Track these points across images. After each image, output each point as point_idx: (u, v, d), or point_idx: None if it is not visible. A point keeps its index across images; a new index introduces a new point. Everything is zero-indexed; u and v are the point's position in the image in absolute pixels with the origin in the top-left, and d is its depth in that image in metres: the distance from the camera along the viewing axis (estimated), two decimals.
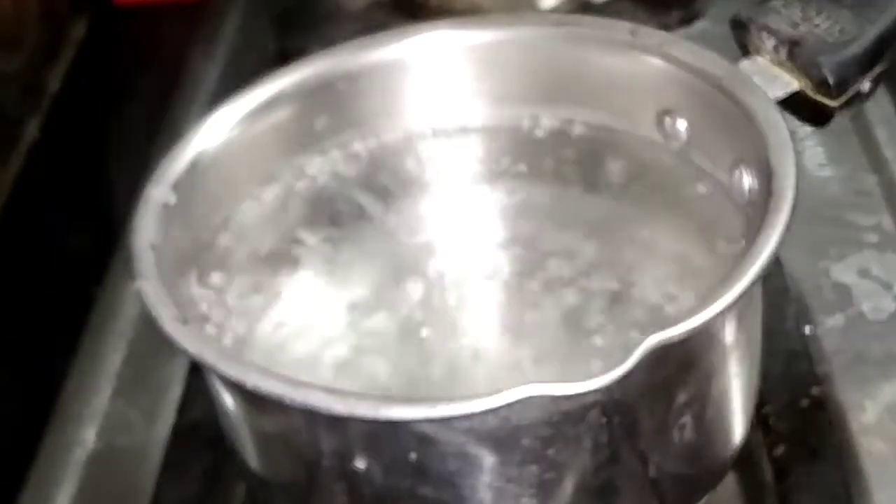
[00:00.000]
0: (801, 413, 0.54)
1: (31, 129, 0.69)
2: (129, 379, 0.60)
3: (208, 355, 0.44)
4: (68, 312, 0.62)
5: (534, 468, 0.45)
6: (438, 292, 0.51)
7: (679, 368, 0.45)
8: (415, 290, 0.51)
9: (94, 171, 0.67)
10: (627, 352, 0.41)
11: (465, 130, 0.56)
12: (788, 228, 0.45)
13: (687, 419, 0.46)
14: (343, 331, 0.52)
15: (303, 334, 0.52)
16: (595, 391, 0.40)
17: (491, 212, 0.56)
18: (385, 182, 0.55)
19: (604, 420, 0.44)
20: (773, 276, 0.53)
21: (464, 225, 0.56)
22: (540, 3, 0.73)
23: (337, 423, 0.43)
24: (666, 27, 0.72)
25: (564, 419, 0.43)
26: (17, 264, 0.62)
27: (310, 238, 0.54)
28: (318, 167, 0.55)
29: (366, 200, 0.55)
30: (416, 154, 0.56)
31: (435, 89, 0.56)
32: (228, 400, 0.48)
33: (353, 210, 0.55)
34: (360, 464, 0.45)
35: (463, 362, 0.51)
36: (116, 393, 0.59)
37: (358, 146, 0.55)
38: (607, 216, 0.52)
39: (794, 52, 0.62)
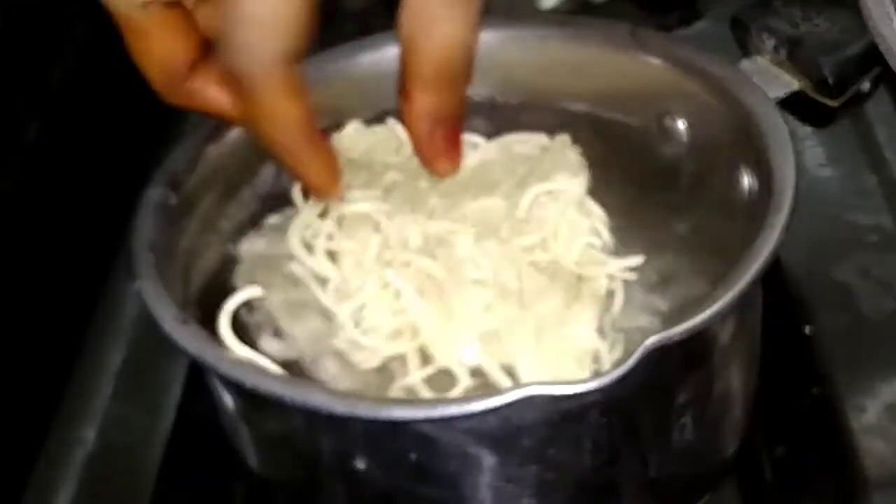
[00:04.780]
0: (801, 413, 0.54)
1: (31, 129, 0.69)
2: (130, 379, 0.60)
3: (208, 355, 0.44)
4: (69, 313, 0.62)
5: (534, 468, 0.45)
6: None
7: (679, 368, 0.45)
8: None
9: (94, 171, 0.67)
10: (627, 352, 0.41)
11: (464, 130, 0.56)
12: (788, 228, 0.45)
13: (687, 419, 0.46)
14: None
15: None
16: (595, 391, 0.40)
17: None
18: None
19: (604, 420, 0.44)
20: (773, 276, 0.53)
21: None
22: (540, 3, 0.73)
23: (337, 423, 0.43)
24: (666, 27, 0.72)
25: (564, 419, 0.43)
26: (17, 264, 0.62)
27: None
28: None
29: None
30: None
31: None
32: (228, 400, 0.48)
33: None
34: (360, 464, 0.45)
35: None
36: (117, 393, 0.59)
37: None
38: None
39: (794, 52, 0.62)
